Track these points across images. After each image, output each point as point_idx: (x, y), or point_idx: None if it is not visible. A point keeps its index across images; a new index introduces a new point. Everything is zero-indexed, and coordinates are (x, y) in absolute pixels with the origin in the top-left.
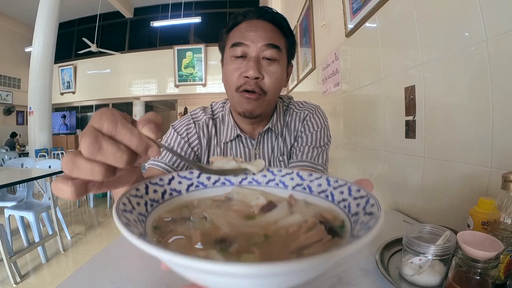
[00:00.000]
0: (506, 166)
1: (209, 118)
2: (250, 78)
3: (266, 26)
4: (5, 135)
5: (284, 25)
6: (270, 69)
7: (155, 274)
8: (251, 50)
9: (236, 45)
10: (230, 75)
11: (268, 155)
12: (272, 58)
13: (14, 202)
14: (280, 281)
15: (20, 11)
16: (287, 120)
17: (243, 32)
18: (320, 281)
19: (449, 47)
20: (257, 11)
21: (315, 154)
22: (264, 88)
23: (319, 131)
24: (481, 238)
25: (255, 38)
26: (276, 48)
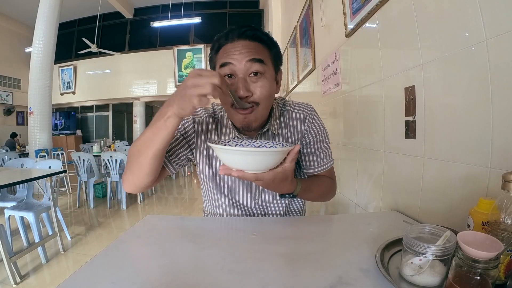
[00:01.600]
0: (506, 166)
1: (209, 116)
2: (240, 97)
3: (247, 44)
4: (5, 135)
5: (265, 39)
6: (258, 84)
7: (155, 274)
8: (238, 69)
9: (223, 65)
10: None
11: None
12: (258, 71)
13: (14, 203)
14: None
15: (20, 11)
16: (287, 120)
17: (228, 53)
18: (320, 280)
19: (449, 47)
20: (237, 30)
21: (327, 153)
22: (256, 100)
23: (323, 131)
24: (481, 238)
25: (239, 56)
26: (259, 62)
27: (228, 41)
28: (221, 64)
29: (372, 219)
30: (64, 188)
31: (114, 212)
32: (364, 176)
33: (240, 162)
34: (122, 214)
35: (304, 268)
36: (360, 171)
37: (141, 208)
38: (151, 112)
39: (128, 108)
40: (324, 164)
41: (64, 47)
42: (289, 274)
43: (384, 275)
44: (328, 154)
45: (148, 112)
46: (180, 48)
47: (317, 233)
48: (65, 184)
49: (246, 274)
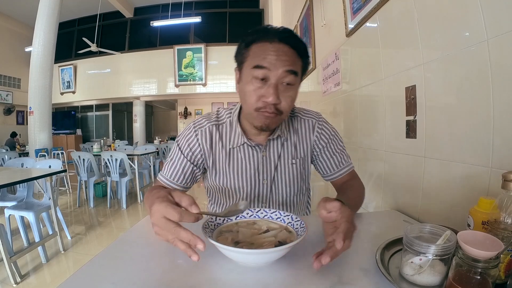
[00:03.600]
0: (506, 166)
1: (212, 125)
2: (269, 103)
3: (287, 51)
4: (5, 135)
5: (301, 48)
6: (287, 94)
7: (155, 274)
8: (272, 75)
9: (258, 67)
10: (250, 95)
11: (274, 159)
12: (290, 83)
13: (14, 202)
14: (259, 258)
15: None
16: (296, 127)
17: (265, 55)
18: (320, 280)
19: (449, 47)
20: (279, 33)
21: (344, 155)
22: (281, 109)
23: (335, 135)
24: (482, 237)
25: (277, 63)
26: (294, 74)
27: (267, 40)
28: (255, 65)
29: (372, 218)
30: (64, 187)
31: (114, 212)
32: (365, 175)
33: (245, 260)
34: (122, 214)
35: (304, 268)
36: (360, 170)
37: (142, 208)
38: (151, 111)
39: (128, 108)
40: (344, 166)
41: (64, 47)
42: (290, 273)
43: (384, 274)
44: (345, 157)
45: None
46: (180, 47)
47: (317, 233)
48: (65, 183)
49: (246, 273)
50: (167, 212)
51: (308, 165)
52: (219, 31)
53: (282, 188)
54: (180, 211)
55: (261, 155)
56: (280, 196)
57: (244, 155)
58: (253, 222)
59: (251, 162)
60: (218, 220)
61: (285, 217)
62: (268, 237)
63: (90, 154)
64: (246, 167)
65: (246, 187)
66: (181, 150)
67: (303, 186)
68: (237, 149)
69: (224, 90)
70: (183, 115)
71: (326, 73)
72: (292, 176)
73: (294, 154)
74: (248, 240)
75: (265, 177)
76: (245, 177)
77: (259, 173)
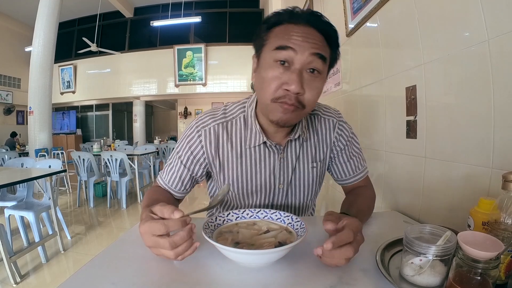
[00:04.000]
0: (507, 166)
1: (218, 124)
2: (291, 92)
3: (314, 33)
4: (5, 135)
5: (332, 36)
6: (312, 84)
7: (155, 275)
8: (297, 59)
9: (281, 48)
10: (269, 82)
11: (292, 162)
12: (317, 69)
13: (14, 202)
14: (259, 258)
15: (20, 10)
16: (316, 127)
17: (290, 35)
18: (320, 281)
19: (450, 47)
20: (307, 15)
21: (360, 159)
22: (304, 102)
23: (353, 137)
24: (482, 238)
25: (304, 44)
26: (322, 59)
27: (292, 21)
28: (278, 46)
29: (373, 219)
30: (64, 187)
31: (114, 212)
32: None
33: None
34: (122, 214)
35: (304, 268)
36: None
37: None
38: (151, 111)
39: (128, 108)
40: (359, 172)
41: (64, 47)
42: (290, 273)
43: (384, 275)
44: (362, 161)
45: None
46: (180, 47)
47: (317, 233)
48: (65, 183)
49: (246, 274)
50: (153, 229)
51: (326, 169)
52: (219, 31)
53: (299, 193)
54: (163, 222)
55: (278, 157)
56: (297, 201)
57: (259, 157)
58: (253, 223)
59: (267, 165)
60: (218, 220)
61: (285, 218)
62: (268, 238)
63: (90, 154)
64: (260, 171)
65: (261, 193)
66: (179, 155)
67: (318, 190)
68: (251, 150)
69: (224, 90)
70: (183, 115)
71: None
72: (311, 180)
73: (314, 157)
74: (248, 240)
75: (281, 181)
76: (260, 181)
77: (275, 177)
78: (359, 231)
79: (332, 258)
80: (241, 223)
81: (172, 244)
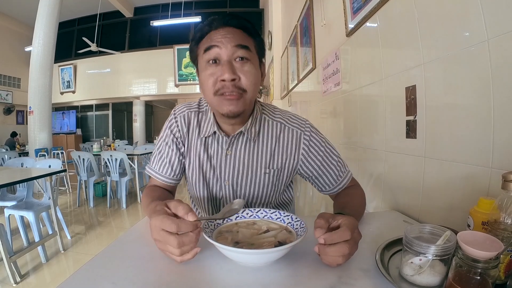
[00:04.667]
0: (507, 166)
1: (191, 112)
2: (226, 80)
3: (232, 30)
4: (5, 134)
5: (249, 27)
6: (244, 69)
7: (155, 274)
8: (223, 52)
9: (208, 49)
10: (206, 80)
11: (240, 161)
12: (245, 57)
13: (14, 202)
14: (259, 258)
15: (20, 10)
16: (278, 133)
17: (212, 38)
18: (320, 280)
19: (450, 47)
20: (222, 19)
21: (341, 166)
22: (242, 87)
23: (325, 146)
24: (481, 238)
25: (225, 40)
26: (245, 48)
27: (212, 29)
28: (205, 48)
29: (372, 219)
30: (64, 187)
31: (114, 211)
32: (364, 175)
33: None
34: (122, 214)
35: (304, 268)
36: (360, 170)
37: (141, 208)
38: (151, 111)
39: (128, 107)
40: (343, 178)
41: (64, 46)
42: (290, 273)
43: (384, 275)
44: (342, 167)
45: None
46: (180, 47)
47: None
48: (65, 183)
49: (246, 274)
50: (165, 225)
51: (284, 178)
52: None
53: (249, 194)
54: (177, 221)
55: (225, 153)
56: (248, 202)
57: (213, 150)
58: (253, 223)
59: (216, 157)
60: (217, 220)
61: (285, 217)
62: (268, 237)
63: (90, 154)
64: (210, 162)
65: (211, 186)
66: (165, 141)
67: (275, 196)
68: (210, 141)
69: None
70: None
71: (326, 73)
72: (262, 185)
73: (268, 163)
74: (248, 240)
75: (226, 178)
76: (209, 174)
77: (221, 171)
78: (355, 228)
79: (327, 256)
80: (241, 223)
81: (180, 243)
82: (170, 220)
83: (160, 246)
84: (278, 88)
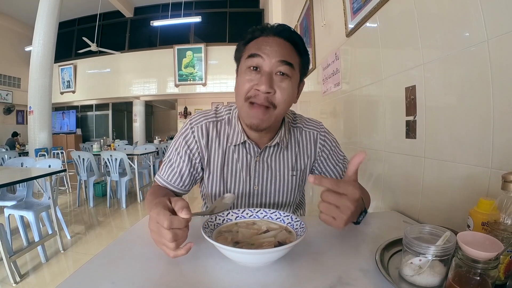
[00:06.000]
0: (507, 167)
1: (209, 122)
2: (261, 92)
3: (282, 43)
4: (5, 134)
5: (299, 44)
6: (282, 85)
7: (155, 274)
8: (266, 64)
9: (252, 56)
10: (242, 85)
11: (268, 166)
12: (285, 73)
13: (14, 202)
14: (259, 258)
15: (20, 10)
16: (298, 138)
17: (259, 46)
18: (320, 280)
19: (450, 47)
20: (275, 28)
21: (346, 163)
22: (274, 102)
23: (335, 146)
24: (481, 238)
25: (271, 52)
26: (289, 65)
27: (263, 35)
28: (249, 54)
29: (372, 219)
30: (64, 187)
31: (114, 211)
32: (364, 176)
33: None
34: (122, 213)
35: (304, 268)
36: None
37: (141, 207)
38: (151, 111)
39: (128, 107)
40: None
41: (64, 46)
42: (289, 274)
43: (384, 275)
44: (348, 164)
45: (148, 111)
46: (180, 47)
47: (317, 233)
48: (65, 183)
49: (245, 274)
50: (159, 218)
51: (307, 177)
52: (219, 31)
53: (277, 197)
54: (170, 218)
55: (254, 160)
56: (274, 203)
57: (238, 156)
58: (252, 223)
59: (244, 164)
60: (217, 220)
61: (285, 218)
62: (267, 238)
63: (90, 154)
64: (237, 169)
65: (238, 191)
66: (177, 151)
67: (299, 195)
68: (233, 148)
69: (224, 90)
70: (183, 115)
71: (326, 73)
72: (290, 187)
73: (294, 166)
74: (248, 240)
75: (256, 183)
76: (236, 179)
77: (251, 177)
78: (355, 200)
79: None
80: (241, 223)
81: (174, 236)
82: (164, 215)
83: (154, 236)
84: None
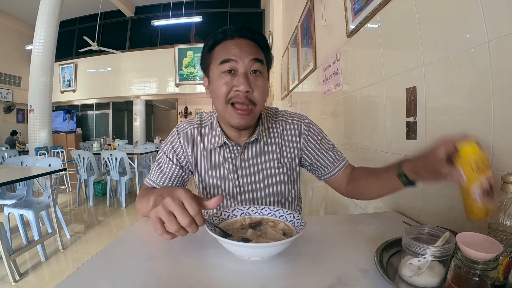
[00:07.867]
0: (507, 168)
1: (194, 128)
2: (241, 92)
3: (248, 43)
4: (5, 133)
5: (261, 42)
6: (257, 83)
7: (154, 274)
8: (240, 66)
9: (225, 61)
10: (220, 88)
11: (254, 163)
12: (258, 70)
13: (13, 200)
14: (266, 251)
15: (21, 9)
16: (281, 131)
17: (229, 50)
18: (319, 281)
19: (450, 48)
20: (238, 30)
21: (336, 151)
22: (254, 100)
23: (323, 136)
24: (480, 239)
25: (242, 54)
26: (260, 62)
27: (227, 38)
28: (222, 60)
29: (372, 219)
30: (63, 186)
31: (114, 211)
32: None
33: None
34: (122, 213)
35: (303, 268)
36: None
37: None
38: (151, 110)
39: (129, 107)
40: (340, 161)
41: (65, 45)
42: (289, 274)
43: (383, 275)
44: (338, 153)
45: (148, 111)
46: (181, 47)
47: (316, 233)
48: (65, 182)
49: (245, 274)
50: (188, 202)
51: (297, 169)
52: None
53: (269, 192)
54: (198, 210)
55: (239, 158)
56: (268, 200)
57: (224, 157)
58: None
59: (230, 164)
60: (222, 215)
61: (287, 215)
62: None
63: (90, 153)
64: (225, 169)
65: (229, 191)
66: (166, 154)
67: (292, 189)
68: (217, 150)
69: None
70: (184, 115)
71: (326, 73)
72: (279, 181)
73: (280, 158)
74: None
75: (244, 180)
76: (225, 178)
77: (238, 175)
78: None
79: None
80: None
81: (191, 222)
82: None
83: (160, 210)
84: (279, 89)
